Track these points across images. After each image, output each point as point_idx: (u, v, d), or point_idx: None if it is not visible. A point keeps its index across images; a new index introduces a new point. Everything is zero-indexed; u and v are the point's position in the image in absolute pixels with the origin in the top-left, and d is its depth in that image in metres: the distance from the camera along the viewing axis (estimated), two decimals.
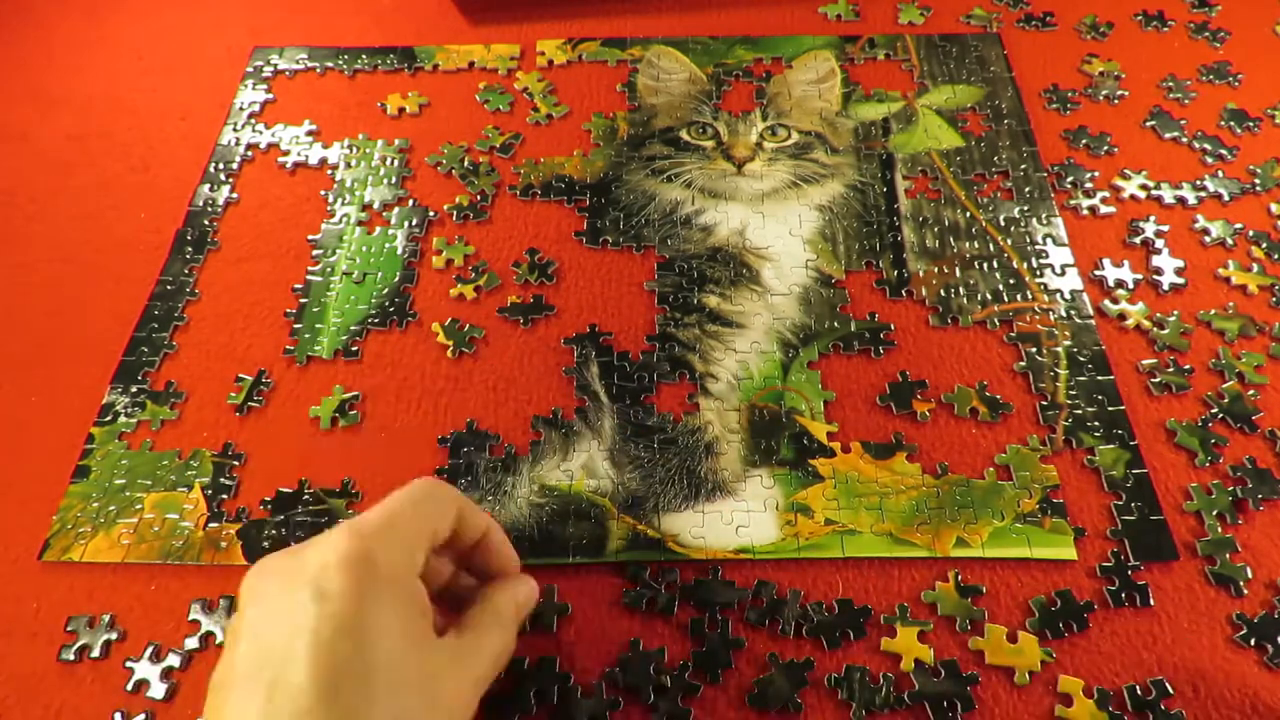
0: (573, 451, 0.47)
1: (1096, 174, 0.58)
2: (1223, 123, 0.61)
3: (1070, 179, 0.58)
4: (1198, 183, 0.58)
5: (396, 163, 0.60)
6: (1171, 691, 0.39)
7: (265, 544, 0.44)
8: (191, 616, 0.42)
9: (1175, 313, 0.51)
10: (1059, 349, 0.50)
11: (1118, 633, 0.41)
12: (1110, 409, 0.48)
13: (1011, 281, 0.53)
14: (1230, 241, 0.55)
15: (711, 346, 0.51)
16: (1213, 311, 0.51)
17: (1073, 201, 0.57)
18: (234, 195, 0.58)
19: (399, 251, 0.55)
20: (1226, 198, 0.57)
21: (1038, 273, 0.53)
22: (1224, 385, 0.48)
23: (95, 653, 0.41)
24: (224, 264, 0.55)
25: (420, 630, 0.30)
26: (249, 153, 0.61)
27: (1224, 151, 0.59)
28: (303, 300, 0.53)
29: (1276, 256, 0.54)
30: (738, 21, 0.68)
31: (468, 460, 0.46)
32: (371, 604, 0.28)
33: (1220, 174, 0.58)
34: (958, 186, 0.58)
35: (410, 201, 0.58)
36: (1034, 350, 0.50)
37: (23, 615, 0.42)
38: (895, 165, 0.59)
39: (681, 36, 0.67)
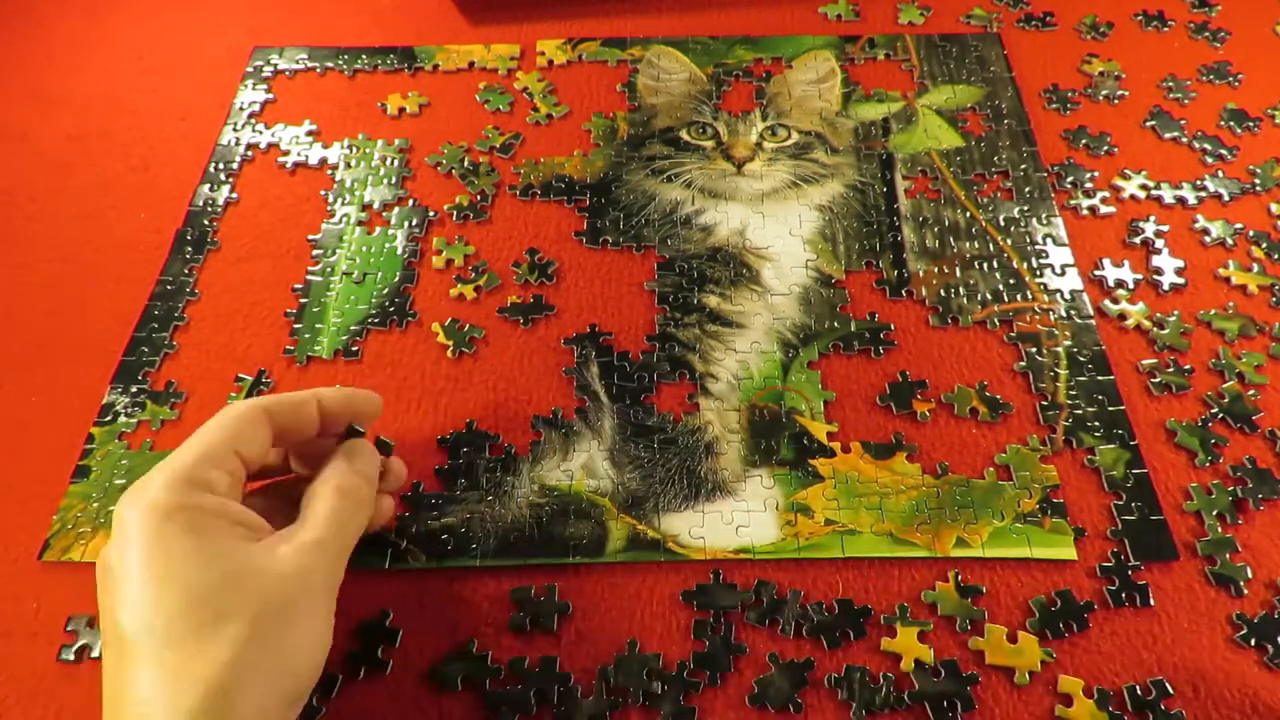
0: (573, 451, 0.47)
1: (1096, 174, 0.58)
2: (1223, 123, 0.61)
3: (1070, 179, 0.58)
4: (1198, 183, 0.58)
5: (396, 163, 0.60)
6: (1171, 691, 0.39)
7: None
8: None
9: (1175, 313, 0.51)
10: (1059, 349, 0.50)
11: (1118, 633, 0.41)
12: (1110, 409, 0.48)
13: (1011, 281, 0.53)
14: (1230, 241, 0.55)
15: (711, 346, 0.51)
16: (1213, 311, 0.51)
17: (1073, 201, 0.57)
18: (234, 195, 0.58)
19: (399, 251, 0.55)
20: (1226, 198, 0.57)
21: (1038, 273, 0.53)
22: (1224, 385, 0.48)
23: (95, 653, 0.41)
24: (224, 264, 0.55)
25: (231, 538, 0.33)
26: (249, 153, 0.61)
27: (1224, 151, 0.59)
28: (303, 300, 0.53)
29: (1276, 256, 0.54)
30: (738, 21, 0.68)
31: (468, 460, 0.46)
32: (158, 542, 0.32)
33: (1220, 174, 0.58)
34: (958, 186, 0.58)
35: (410, 201, 0.58)
36: (1034, 350, 0.50)
37: (23, 615, 0.42)
38: (895, 165, 0.59)
39: (681, 36, 0.67)
